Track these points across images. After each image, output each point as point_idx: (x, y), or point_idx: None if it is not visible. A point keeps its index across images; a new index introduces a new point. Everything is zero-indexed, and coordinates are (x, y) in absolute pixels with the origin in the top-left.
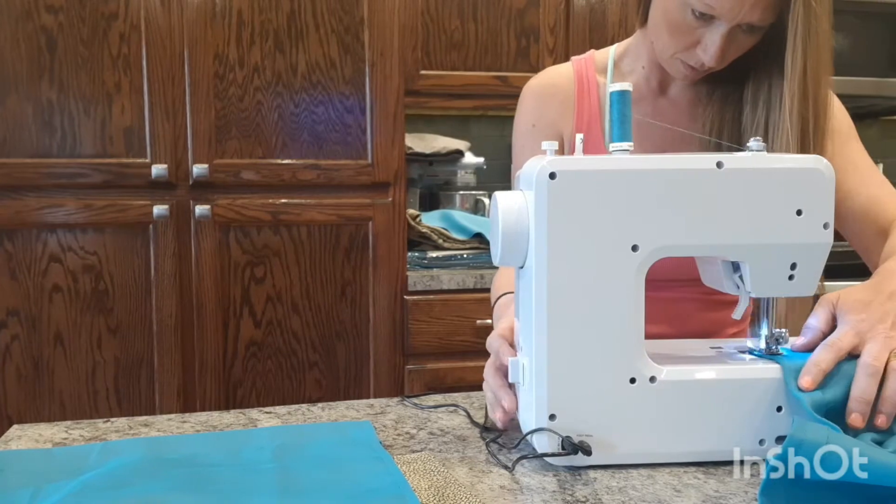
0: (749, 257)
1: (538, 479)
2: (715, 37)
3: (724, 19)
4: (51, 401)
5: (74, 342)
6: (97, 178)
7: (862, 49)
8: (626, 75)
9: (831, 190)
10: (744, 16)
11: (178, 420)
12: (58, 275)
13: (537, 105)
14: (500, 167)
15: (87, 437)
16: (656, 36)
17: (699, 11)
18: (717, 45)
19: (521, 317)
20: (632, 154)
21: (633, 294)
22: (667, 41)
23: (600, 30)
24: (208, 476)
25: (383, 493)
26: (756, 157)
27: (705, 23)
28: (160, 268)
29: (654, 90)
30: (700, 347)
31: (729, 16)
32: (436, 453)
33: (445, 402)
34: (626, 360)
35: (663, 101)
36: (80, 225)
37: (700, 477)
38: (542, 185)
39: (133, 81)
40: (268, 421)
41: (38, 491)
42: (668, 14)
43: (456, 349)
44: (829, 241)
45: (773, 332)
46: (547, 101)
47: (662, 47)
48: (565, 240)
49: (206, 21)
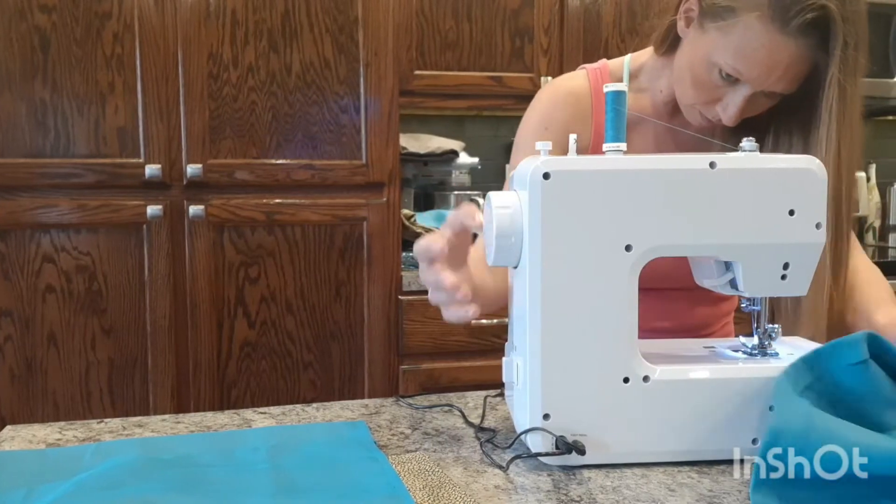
0: (742, 257)
1: (532, 479)
2: (738, 98)
3: (751, 85)
4: (44, 401)
5: (68, 343)
6: (91, 178)
7: None
8: (643, 91)
9: (823, 190)
10: (770, 85)
11: (172, 421)
12: (51, 275)
13: (552, 109)
14: (495, 167)
15: (80, 437)
16: (678, 83)
17: (726, 73)
18: (737, 107)
19: (515, 316)
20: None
21: (627, 294)
22: (689, 93)
23: (594, 30)
24: (202, 476)
25: (378, 493)
26: (749, 157)
27: (730, 84)
28: (154, 268)
29: (671, 111)
30: (693, 347)
31: (756, 83)
32: (430, 453)
33: (440, 402)
34: (620, 359)
35: (675, 121)
36: (73, 225)
37: (694, 476)
38: (536, 185)
39: (127, 81)
40: (262, 421)
41: (31, 492)
42: (694, 68)
43: (450, 349)
44: (821, 240)
45: (766, 329)
46: (563, 108)
47: (683, 95)
48: (559, 240)
49: (200, 20)
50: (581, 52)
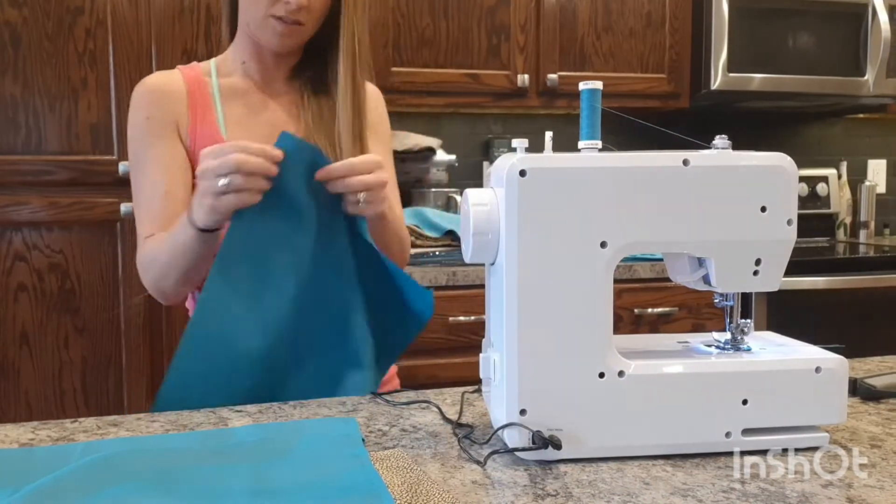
0: (714, 253)
1: (509, 474)
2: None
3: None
4: (16, 401)
5: (40, 342)
6: (63, 175)
7: (826, 48)
8: (230, 74)
9: (795, 187)
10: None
11: (147, 419)
12: (23, 274)
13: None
14: (472, 164)
15: (54, 437)
16: (247, 8)
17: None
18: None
19: (491, 313)
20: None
21: (602, 290)
22: (256, 5)
23: (570, 27)
24: (182, 475)
25: (357, 490)
26: (721, 154)
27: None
28: (128, 266)
29: (259, 83)
30: (667, 342)
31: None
32: (408, 450)
33: (417, 398)
34: (596, 355)
35: (269, 90)
36: (45, 223)
37: (668, 469)
38: (513, 182)
39: (99, 77)
40: (239, 420)
41: (16, 491)
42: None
43: (428, 346)
44: (792, 237)
45: (738, 324)
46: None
47: (254, 12)
48: (535, 236)
49: (174, 16)
50: (557, 50)
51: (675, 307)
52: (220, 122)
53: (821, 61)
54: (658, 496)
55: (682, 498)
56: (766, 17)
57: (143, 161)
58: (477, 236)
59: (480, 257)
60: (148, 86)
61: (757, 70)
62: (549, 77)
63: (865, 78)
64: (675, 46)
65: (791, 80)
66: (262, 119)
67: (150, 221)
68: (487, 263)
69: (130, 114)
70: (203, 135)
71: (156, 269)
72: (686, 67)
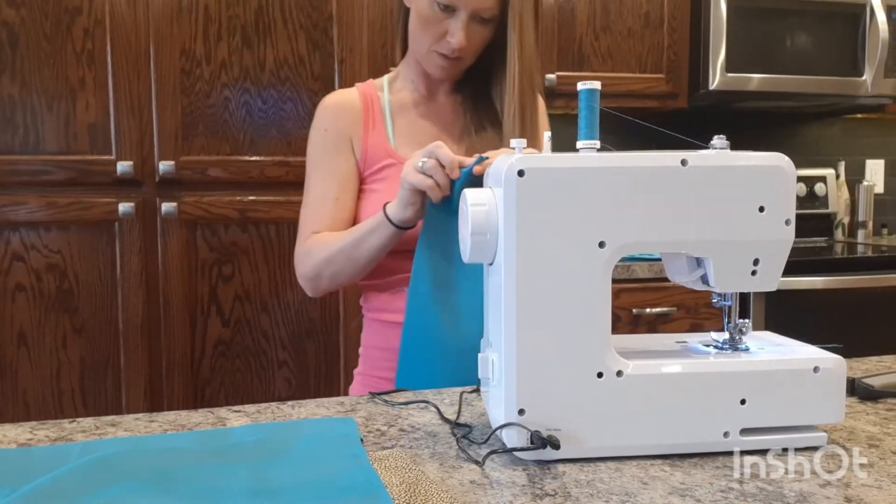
0: (713, 253)
1: (508, 474)
2: (458, 24)
3: (464, 9)
4: (14, 402)
5: (38, 342)
6: (61, 175)
7: (824, 48)
8: (400, 91)
9: (793, 187)
10: (477, 3)
11: (145, 419)
12: (21, 274)
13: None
14: None
15: (52, 437)
16: (414, 39)
17: (443, 4)
18: (461, 30)
19: (490, 313)
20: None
21: (601, 290)
22: (422, 37)
23: (569, 27)
24: (182, 476)
25: (356, 490)
26: (719, 155)
27: (449, 15)
28: (126, 266)
29: (425, 96)
30: (665, 342)
31: (465, 4)
32: (406, 450)
33: (416, 398)
34: (594, 354)
35: (433, 104)
36: (43, 223)
37: (666, 469)
38: (511, 182)
39: (97, 77)
40: (237, 420)
41: (14, 491)
42: (420, 13)
43: None
44: (790, 237)
45: (736, 324)
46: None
47: (420, 46)
48: (533, 236)
49: (173, 16)
50: (555, 50)
51: (674, 307)
52: (390, 133)
53: (819, 61)
54: (656, 496)
55: (680, 497)
56: (765, 18)
57: (318, 168)
58: (475, 236)
59: (479, 257)
60: (328, 103)
61: (755, 70)
62: (548, 77)
63: (863, 78)
64: (674, 46)
65: (789, 80)
66: (428, 130)
67: (318, 222)
68: (486, 264)
69: (312, 126)
70: (373, 145)
71: (322, 260)
72: (684, 67)
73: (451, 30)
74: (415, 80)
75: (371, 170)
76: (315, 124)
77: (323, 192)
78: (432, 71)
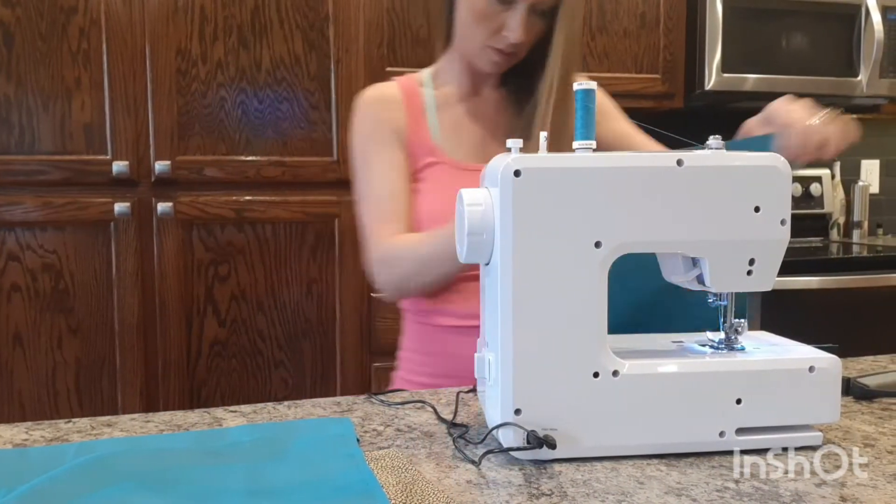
0: (708, 253)
1: (504, 474)
2: (517, 17)
3: (522, 0)
4: (9, 402)
5: (34, 342)
6: (56, 175)
7: (819, 49)
8: (444, 86)
9: (788, 187)
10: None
11: (141, 420)
12: (16, 274)
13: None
14: None
15: (48, 437)
16: (465, 33)
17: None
18: (519, 24)
19: (486, 313)
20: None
21: (597, 290)
22: (475, 32)
23: None
24: (178, 476)
25: (352, 490)
26: (715, 155)
27: (506, 7)
28: (122, 266)
29: (469, 92)
30: (661, 342)
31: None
32: (403, 450)
33: (412, 398)
34: (590, 354)
35: (478, 99)
36: (39, 223)
37: (662, 469)
38: (507, 182)
39: (93, 77)
40: (233, 420)
41: (10, 492)
42: (474, 7)
43: None
44: (786, 237)
45: (732, 324)
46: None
47: (472, 40)
48: (530, 236)
49: (168, 16)
50: None
51: None
52: (434, 129)
53: (814, 62)
54: (652, 495)
55: (676, 497)
56: (760, 18)
57: (369, 164)
58: (472, 236)
59: (475, 257)
60: (371, 96)
61: (751, 70)
62: None
63: (859, 78)
64: (670, 47)
65: (785, 80)
66: (472, 126)
67: (384, 220)
68: (482, 263)
69: (355, 121)
70: (416, 142)
71: (411, 271)
72: (680, 68)
73: (509, 24)
74: (459, 75)
75: (413, 168)
76: (359, 118)
77: (380, 188)
78: (483, 66)
